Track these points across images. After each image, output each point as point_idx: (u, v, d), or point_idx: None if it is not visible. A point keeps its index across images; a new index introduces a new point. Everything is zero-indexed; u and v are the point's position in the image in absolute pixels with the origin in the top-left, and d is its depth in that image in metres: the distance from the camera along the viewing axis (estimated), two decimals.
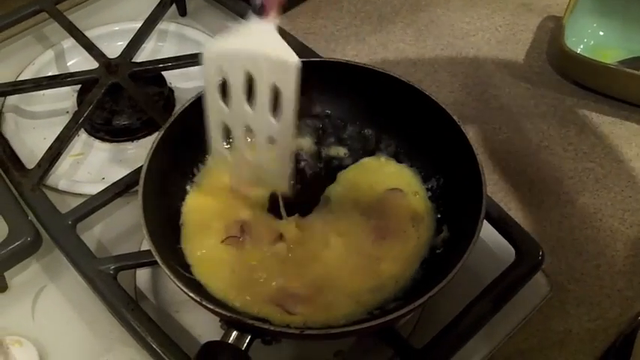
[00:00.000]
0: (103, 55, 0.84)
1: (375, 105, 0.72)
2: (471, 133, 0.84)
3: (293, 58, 0.55)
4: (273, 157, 0.62)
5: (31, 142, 0.82)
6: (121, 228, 0.73)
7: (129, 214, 0.73)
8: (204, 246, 0.64)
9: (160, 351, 0.59)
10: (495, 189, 0.78)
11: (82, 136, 0.83)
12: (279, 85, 0.56)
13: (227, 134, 0.62)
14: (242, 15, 0.89)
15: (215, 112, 0.60)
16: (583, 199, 0.78)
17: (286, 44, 0.56)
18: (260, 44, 0.56)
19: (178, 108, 0.66)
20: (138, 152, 0.81)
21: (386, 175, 0.71)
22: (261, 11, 0.56)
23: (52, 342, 0.65)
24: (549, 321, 0.69)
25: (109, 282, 0.63)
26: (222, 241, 0.63)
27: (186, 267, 0.61)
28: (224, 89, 0.59)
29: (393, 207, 0.68)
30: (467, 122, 0.85)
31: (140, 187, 0.59)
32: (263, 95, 0.57)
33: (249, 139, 0.62)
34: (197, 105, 0.66)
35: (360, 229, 0.66)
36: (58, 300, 0.68)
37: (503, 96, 0.89)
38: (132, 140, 0.82)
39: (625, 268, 0.72)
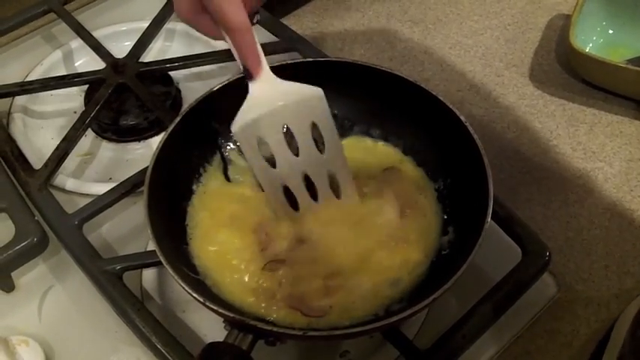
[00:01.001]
0: (110, 55, 0.85)
1: (382, 105, 0.72)
2: (478, 132, 0.83)
3: (317, 90, 0.57)
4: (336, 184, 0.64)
5: (39, 142, 0.82)
6: (128, 228, 0.73)
7: (136, 213, 0.73)
8: (212, 246, 0.64)
9: (164, 351, 0.59)
10: (503, 188, 0.78)
11: (90, 136, 0.83)
12: (316, 120, 0.59)
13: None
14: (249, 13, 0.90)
15: (269, 179, 0.62)
16: (591, 198, 0.78)
17: (303, 85, 0.58)
18: (280, 96, 0.58)
19: (184, 108, 0.66)
20: (145, 152, 0.81)
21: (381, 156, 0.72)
22: (250, 75, 0.58)
23: (59, 342, 0.65)
24: (557, 322, 0.68)
25: (115, 282, 0.63)
26: (263, 268, 0.62)
27: (192, 267, 0.61)
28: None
29: (396, 183, 0.68)
30: (475, 121, 0.84)
31: (145, 188, 0.59)
32: (306, 138, 0.59)
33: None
34: (203, 104, 0.67)
35: (380, 209, 0.66)
36: (64, 300, 0.68)
37: (511, 95, 0.89)
38: (139, 140, 0.82)
39: (634, 268, 0.72)
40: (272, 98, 0.58)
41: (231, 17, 0.53)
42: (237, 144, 0.70)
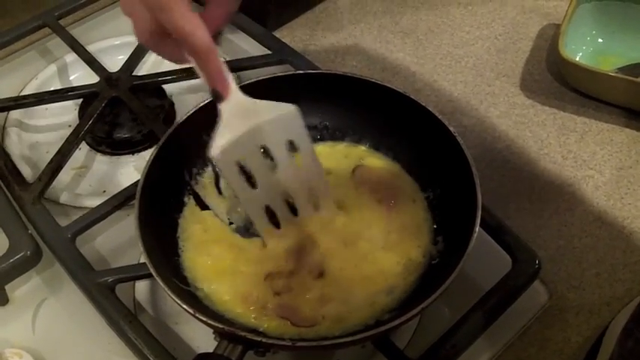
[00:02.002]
0: (104, 69, 0.85)
1: (372, 116, 0.72)
2: (470, 142, 0.84)
3: (291, 107, 0.57)
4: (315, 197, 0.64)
5: (34, 155, 0.83)
6: (122, 240, 0.73)
7: (129, 226, 0.73)
8: (204, 258, 0.64)
9: None
10: (494, 197, 0.78)
11: (84, 150, 0.83)
12: (292, 136, 0.59)
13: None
14: (242, 27, 0.91)
15: (251, 200, 0.62)
16: (583, 206, 0.78)
17: (269, 101, 0.57)
18: (254, 115, 0.57)
19: (176, 121, 0.67)
20: (139, 165, 0.82)
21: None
22: (220, 97, 0.57)
23: (52, 354, 0.65)
24: (548, 330, 0.68)
25: (107, 295, 0.64)
26: (265, 279, 0.62)
27: (183, 279, 0.62)
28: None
29: (370, 179, 0.70)
30: (466, 131, 0.85)
31: (136, 201, 0.60)
32: (283, 155, 0.60)
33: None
34: (194, 117, 0.67)
35: (366, 206, 0.68)
36: (58, 313, 0.68)
37: (502, 104, 0.89)
38: (133, 153, 0.83)
39: (625, 276, 0.72)
40: (245, 119, 0.57)
41: (195, 39, 0.50)
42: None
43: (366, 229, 0.66)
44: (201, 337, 0.65)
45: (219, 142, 0.56)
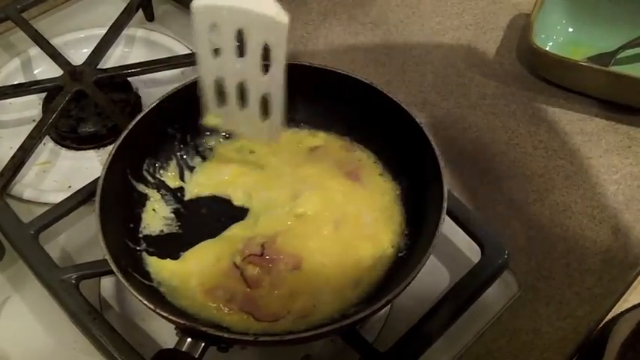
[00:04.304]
0: (67, 62, 0.84)
1: (341, 108, 0.72)
2: (440, 133, 0.84)
3: (283, 17, 0.55)
4: (264, 111, 0.63)
5: None
6: (87, 236, 0.72)
7: (94, 222, 0.72)
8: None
9: None
10: (464, 188, 0.78)
11: (49, 145, 0.82)
12: (270, 42, 0.57)
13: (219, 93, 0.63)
14: None
15: (207, 68, 0.60)
16: (553, 196, 0.78)
17: (277, 4, 0.56)
18: (251, 1, 0.56)
19: (138, 115, 0.65)
20: (104, 159, 0.79)
21: None
22: None
23: (16, 353, 0.64)
24: (518, 320, 0.68)
25: (71, 291, 0.63)
26: (243, 260, 0.63)
27: (146, 274, 0.61)
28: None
29: (329, 158, 0.71)
30: (436, 122, 0.85)
31: (97, 196, 0.59)
32: (254, 52, 0.58)
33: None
34: (158, 110, 0.66)
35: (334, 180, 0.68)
36: (22, 311, 0.67)
37: (472, 95, 0.89)
38: (98, 147, 0.82)
39: (594, 266, 0.72)
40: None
41: None
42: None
43: (340, 205, 0.66)
44: (167, 333, 0.64)
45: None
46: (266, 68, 0.60)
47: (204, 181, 0.70)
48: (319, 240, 0.64)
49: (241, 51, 0.59)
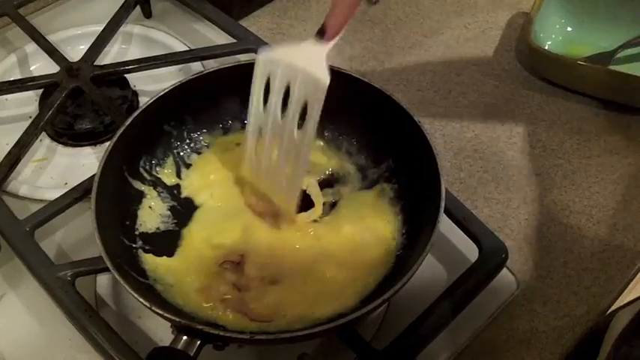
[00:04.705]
0: (64, 58, 0.83)
1: (337, 106, 0.70)
2: (438, 131, 0.83)
3: (324, 78, 0.57)
4: (288, 173, 0.64)
5: None
6: (83, 233, 0.71)
7: (90, 219, 0.72)
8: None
9: (117, 358, 0.58)
10: (462, 187, 0.78)
11: (45, 141, 0.81)
12: (309, 100, 0.59)
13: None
14: (207, 17, 0.89)
15: (256, 112, 0.63)
16: (551, 195, 0.78)
17: (326, 66, 0.58)
18: (303, 60, 0.59)
19: (134, 112, 0.65)
20: (101, 156, 0.79)
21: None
22: (320, 33, 0.59)
23: (12, 351, 0.64)
24: (516, 319, 0.68)
25: (67, 289, 0.62)
26: (220, 265, 0.63)
27: (142, 272, 0.60)
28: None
29: None
30: (434, 121, 0.85)
31: (93, 192, 0.59)
32: (293, 106, 0.60)
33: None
34: (154, 107, 0.66)
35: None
36: (17, 308, 0.67)
37: (471, 94, 0.89)
38: (95, 144, 0.81)
39: (592, 265, 0.72)
40: (299, 56, 0.59)
41: None
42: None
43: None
44: (163, 331, 0.64)
45: (272, 52, 0.61)
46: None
47: (198, 179, 0.70)
48: (307, 242, 0.65)
49: (285, 104, 0.61)
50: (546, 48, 0.91)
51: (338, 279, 0.62)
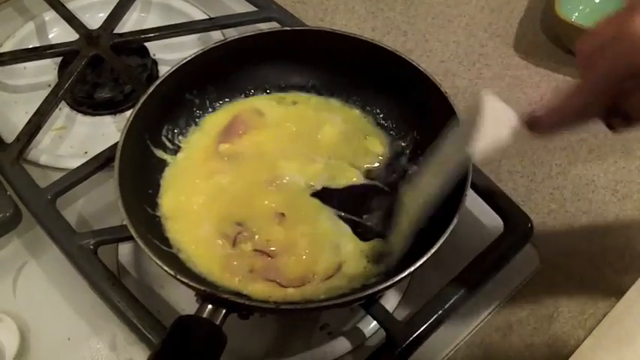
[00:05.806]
0: (83, 26, 0.82)
1: (362, 76, 0.70)
2: (461, 103, 0.82)
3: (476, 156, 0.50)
4: None
5: (14, 116, 0.81)
6: (104, 202, 0.71)
7: (111, 188, 0.71)
8: (186, 219, 0.63)
9: (140, 326, 0.58)
10: (485, 161, 0.76)
11: (65, 110, 0.81)
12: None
13: None
14: None
15: None
16: (575, 170, 0.77)
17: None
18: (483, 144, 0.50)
19: (156, 81, 0.64)
20: (121, 125, 0.78)
21: None
22: (532, 125, 0.50)
23: (33, 318, 0.64)
24: (539, 294, 0.67)
25: (89, 257, 0.62)
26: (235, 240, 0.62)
27: (166, 240, 0.60)
28: None
29: None
30: (458, 92, 0.83)
31: (116, 161, 0.58)
32: None
33: None
34: (176, 76, 0.65)
35: None
36: (39, 276, 0.67)
37: (495, 65, 0.87)
38: (115, 113, 0.81)
39: (616, 240, 0.71)
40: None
41: None
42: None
43: None
44: (185, 300, 0.63)
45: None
46: None
47: None
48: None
49: None
50: (573, 20, 0.89)
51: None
